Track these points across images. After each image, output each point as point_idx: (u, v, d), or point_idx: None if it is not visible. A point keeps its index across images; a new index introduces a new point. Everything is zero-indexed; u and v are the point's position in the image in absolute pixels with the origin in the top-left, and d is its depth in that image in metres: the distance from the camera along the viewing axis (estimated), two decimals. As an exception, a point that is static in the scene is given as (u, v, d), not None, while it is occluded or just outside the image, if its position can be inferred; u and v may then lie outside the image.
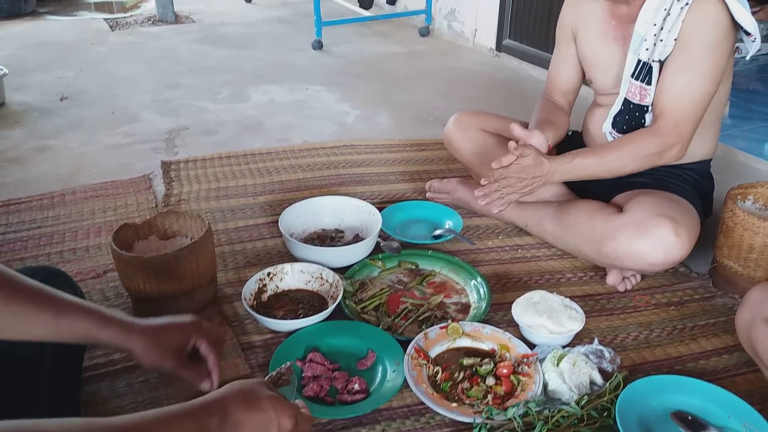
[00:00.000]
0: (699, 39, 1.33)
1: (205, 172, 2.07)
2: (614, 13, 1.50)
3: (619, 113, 1.50)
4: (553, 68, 1.72)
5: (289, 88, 2.94)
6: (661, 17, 1.37)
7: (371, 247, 1.56)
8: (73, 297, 0.86)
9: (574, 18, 1.61)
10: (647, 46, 1.39)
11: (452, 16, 3.72)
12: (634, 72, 1.43)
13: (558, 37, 1.68)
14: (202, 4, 4.78)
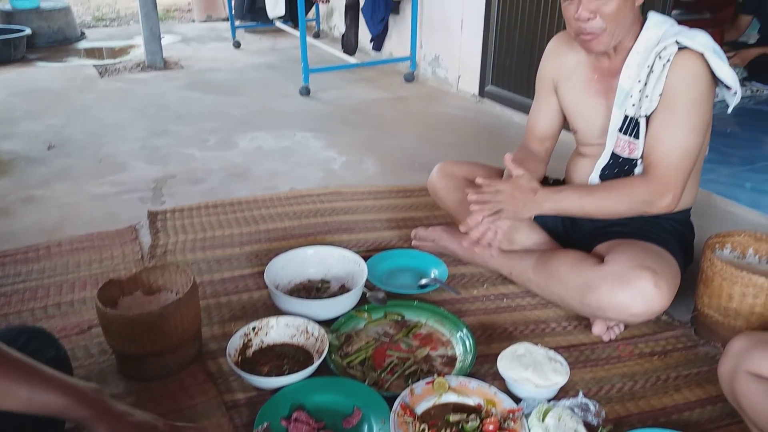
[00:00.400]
0: (682, 95, 1.38)
1: (192, 222, 2.07)
2: (596, 67, 1.55)
3: (607, 166, 1.54)
4: (532, 117, 1.76)
5: (276, 135, 2.98)
6: (644, 74, 1.42)
7: (357, 299, 1.57)
8: (51, 371, 0.86)
9: (555, 70, 1.65)
10: (633, 101, 1.44)
11: (436, 62, 3.81)
12: (622, 127, 1.47)
13: (538, 88, 1.72)
14: (191, 50, 4.86)
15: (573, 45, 1.58)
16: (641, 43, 1.43)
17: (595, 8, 1.36)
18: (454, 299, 1.65)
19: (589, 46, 1.44)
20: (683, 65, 1.37)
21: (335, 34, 5.11)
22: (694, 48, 1.35)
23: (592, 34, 1.40)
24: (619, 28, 1.40)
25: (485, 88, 3.42)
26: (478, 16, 3.35)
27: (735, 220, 2.11)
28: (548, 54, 1.68)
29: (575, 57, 1.59)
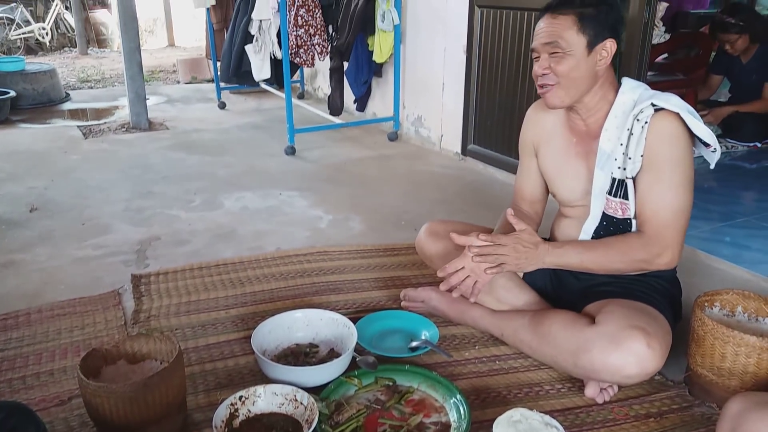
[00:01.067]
0: (664, 154, 1.42)
1: (176, 285, 2.04)
2: (574, 130, 1.60)
3: (600, 227, 1.56)
4: (519, 180, 1.79)
5: (262, 194, 2.98)
6: (625, 136, 1.46)
7: (347, 364, 1.53)
8: None
9: (535, 135, 1.70)
10: (619, 164, 1.48)
11: (419, 122, 3.88)
12: (611, 189, 1.51)
13: (521, 152, 1.77)
14: (176, 111, 4.91)
15: (551, 110, 1.63)
16: (618, 107, 1.49)
17: (548, 66, 1.47)
18: (446, 362, 1.62)
19: (544, 99, 1.53)
20: (661, 125, 1.42)
21: (320, 95, 5.21)
22: (669, 109, 1.40)
23: (545, 87, 1.50)
24: (573, 87, 1.48)
25: (468, 147, 3.48)
26: (458, 78, 3.44)
27: (720, 276, 2.13)
28: (528, 120, 1.74)
29: (553, 122, 1.65)
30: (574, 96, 1.50)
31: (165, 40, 9.70)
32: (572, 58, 1.45)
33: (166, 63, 7.60)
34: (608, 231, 1.55)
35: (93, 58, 8.22)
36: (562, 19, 1.46)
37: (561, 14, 1.46)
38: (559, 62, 1.46)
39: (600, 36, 1.46)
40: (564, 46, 1.45)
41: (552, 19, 1.47)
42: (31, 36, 8.48)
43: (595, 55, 1.47)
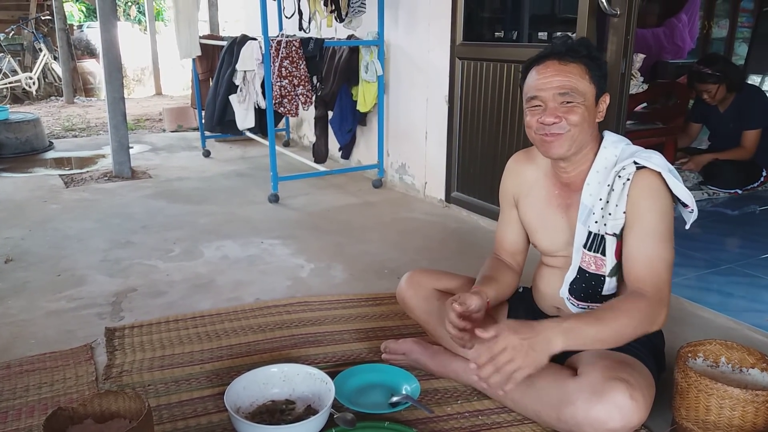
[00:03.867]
0: (650, 209, 1.41)
1: (151, 339, 1.98)
2: (556, 182, 1.59)
3: (575, 281, 1.54)
4: (500, 230, 1.77)
5: (243, 243, 2.95)
6: (605, 192, 1.45)
7: (324, 422, 1.48)
8: None
9: (515, 186, 1.69)
10: (596, 218, 1.47)
11: (403, 169, 3.90)
12: (586, 243, 1.49)
13: (501, 202, 1.75)
14: (160, 159, 4.91)
15: (532, 161, 1.63)
16: (600, 162, 1.49)
17: (561, 114, 1.42)
18: (428, 418, 1.57)
19: (549, 148, 1.46)
20: (644, 182, 1.41)
21: (305, 142, 5.24)
22: (651, 167, 1.41)
23: (554, 135, 1.44)
24: (580, 137, 1.45)
25: (451, 194, 3.49)
26: (441, 127, 3.48)
27: (703, 324, 2.11)
28: (508, 171, 1.72)
29: (535, 173, 1.64)
30: (578, 146, 1.47)
31: (152, 89, 9.78)
32: (585, 108, 1.43)
33: (152, 111, 7.64)
34: (580, 285, 1.53)
35: (79, 106, 8.26)
36: (573, 67, 1.43)
37: (571, 62, 1.43)
38: (572, 111, 1.42)
39: (601, 88, 1.46)
40: (580, 95, 1.42)
41: (562, 66, 1.43)
42: (18, 85, 8.52)
43: (597, 106, 1.47)
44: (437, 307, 1.76)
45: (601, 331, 1.35)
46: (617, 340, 1.37)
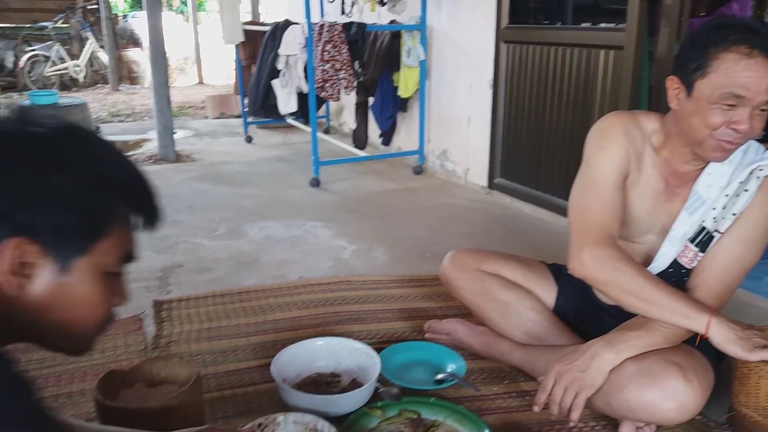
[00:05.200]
0: (764, 218, 1.35)
1: (198, 312, 2.01)
2: (670, 166, 1.42)
3: (665, 273, 1.43)
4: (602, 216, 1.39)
5: (286, 224, 2.97)
6: (732, 188, 1.36)
7: (369, 394, 1.48)
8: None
9: (628, 157, 1.42)
10: (715, 214, 1.37)
11: (444, 156, 3.87)
12: (695, 238, 1.39)
13: (604, 179, 1.41)
14: (203, 144, 4.98)
15: (641, 130, 1.43)
16: None
17: (751, 123, 1.25)
18: (473, 396, 1.55)
19: (723, 155, 1.31)
20: None
21: (345, 130, 5.25)
22: None
23: (737, 145, 1.28)
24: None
25: (494, 181, 3.45)
26: (484, 113, 3.44)
27: (759, 313, 2.04)
28: (621, 133, 1.42)
29: (642, 147, 1.43)
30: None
31: (195, 78, 9.93)
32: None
33: (195, 99, 7.76)
34: (669, 280, 1.41)
35: (124, 94, 8.44)
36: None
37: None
38: (761, 119, 1.25)
39: None
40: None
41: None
42: (65, 73, 8.75)
43: None
44: (482, 288, 1.73)
45: (649, 336, 1.33)
46: (670, 343, 1.34)
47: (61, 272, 0.75)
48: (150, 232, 0.85)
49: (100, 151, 0.80)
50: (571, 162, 2.87)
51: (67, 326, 0.78)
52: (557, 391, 1.32)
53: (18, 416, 0.62)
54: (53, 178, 0.73)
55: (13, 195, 0.71)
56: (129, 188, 0.81)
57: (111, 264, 0.80)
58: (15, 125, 0.76)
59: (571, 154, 2.91)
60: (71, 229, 0.74)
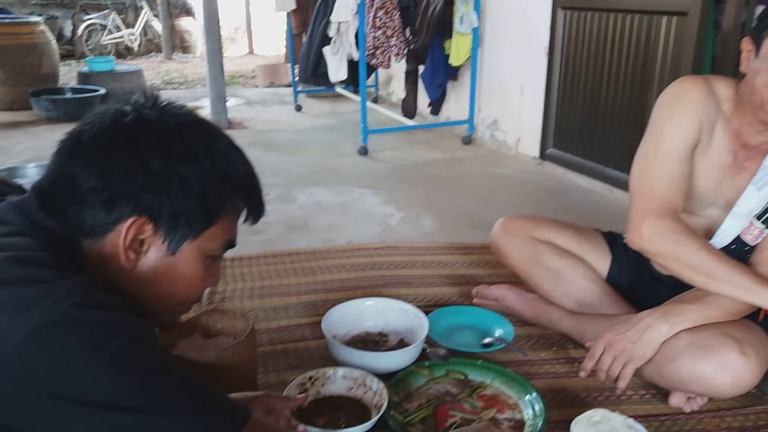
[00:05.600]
0: None
1: (250, 270, 2.07)
2: (740, 137, 1.35)
3: (728, 250, 1.38)
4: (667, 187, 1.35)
5: (334, 191, 3.00)
6: None
7: (417, 354, 1.50)
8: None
9: (700, 124, 1.35)
10: None
11: (495, 126, 3.82)
12: (762, 215, 1.34)
13: (672, 146, 1.35)
14: (254, 112, 5.05)
15: (714, 96, 1.36)
16: None
17: None
18: (521, 361, 1.55)
19: None
20: None
21: (393, 99, 5.23)
22: None
23: None
24: None
25: (546, 151, 3.39)
26: (538, 81, 3.37)
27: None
28: (694, 101, 1.34)
29: (716, 115, 1.35)
30: None
31: (245, 48, 10.03)
32: None
33: (245, 69, 7.84)
34: (733, 257, 1.34)
35: (177, 62, 8.60)
36: None
37: None
38: None
39: None
40: None
41: None
42: (120, 41, 8.96)
43: None
44: (534, 255, 1.70)
45: (706, 309, 1.30)
46: (729, 317, 1.30)
47: (170, 252, 0.80)
48: (252, 224, 0.92)
49: (224, 147, 0.85)
50: (629, 133, 2.80)
51: (165, 300, 0.85)
52: (606, 360, 1.32)
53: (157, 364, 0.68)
54: (181, 167, 0.78)
55: (142, 178, 0.76)
56: (244, 184, 0.87)
57: (214, 249, 0.86)
58: (149, 112, 0.81)
59: (628, 125, 2.82)
60: (188, 215, 0.79)
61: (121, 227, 0.76)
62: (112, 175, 0.75)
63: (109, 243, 0.77)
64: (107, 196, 0.75)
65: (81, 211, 0.76)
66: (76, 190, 0.75)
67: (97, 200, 0.75)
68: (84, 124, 0.80)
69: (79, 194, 0.75)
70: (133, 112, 0.80)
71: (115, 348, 0.64)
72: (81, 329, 0.64)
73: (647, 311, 1.34)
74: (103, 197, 0.75)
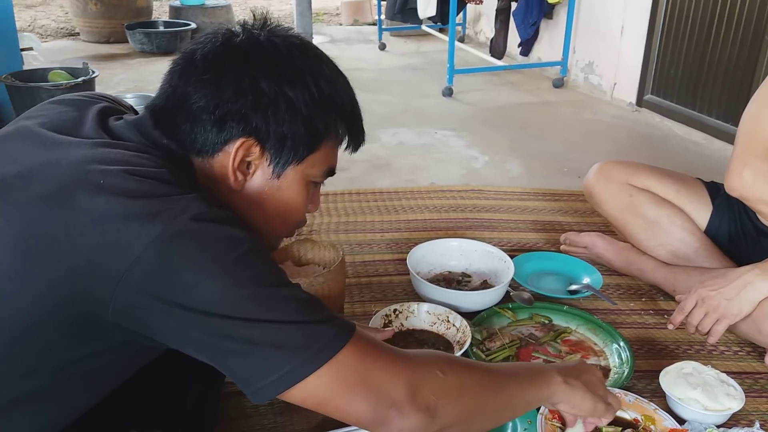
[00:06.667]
0: None
1: (336, 206, 2.11)
2: None
3: None
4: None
5: (417, 132, 2.97)
6: None
7: (501, 295, 1.49)
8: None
9: None
10: None
11: (590, 68, 3.63)
12: None
13: None
14: (338, 50, 5.02)
15: None
16: None
17: None
18: (608, 309, 1.52)
19: None
20: None
21: (481, 38, 5.06)
22: None
23: None
24: None
25: (644, 97, 3.20)
26: (641, 22, 3.15)
27: None
28: None
29: None
30: None
31: (330, -15, 9.93)
32: None
33: (329, 6, 7.77)
34: None
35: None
36: None
37: None
38: None
39: None
40: None
41: None
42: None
43: None
44: (630, 203, 1.63)
45: None
46: None
47: (275, 176, 0.82)
48: (352, 153, 0.92)
49: (330, 72, 0.85)
50: (737, 81, 2.60)
51: (269, 224, 0.86)
52: (697, 314, 1.29)
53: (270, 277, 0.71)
54: (289, 89, 0.78)
55: (252, 98, 0.77)
56: (347, 110, 0.87)
57: (317, 175, 0.87)
58: (259, 33, 0.81)
59: (737, 73, 2.62)
60: (294, 139, 0.80)
61: (230, 148, 0.78)
62: (223, 94, 0.76)
63: (219, 163, 0.79)
64: (218, 116, 0.77)
65: (193, 129, 0.78)
66: (188, 109, 0.77)
67: (208, 119, 0.77)
68: (196, 43, 0.81)
69: (191, 113, 0.77)
70: (243, 32, 0.81)
71: (232, 260, 0.67)
72: (200, 241, 0.67)
73: (747, 267, 1.28)
74: (214, 116, 0.77)
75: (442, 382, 0.74)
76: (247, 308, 0.67)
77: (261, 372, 0.67)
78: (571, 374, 0.90)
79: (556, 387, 0.86)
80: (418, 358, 0.77)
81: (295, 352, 0.67)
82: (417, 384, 0.72)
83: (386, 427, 0.71)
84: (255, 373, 0.67)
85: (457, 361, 0.81)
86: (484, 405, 0.79)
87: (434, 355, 0.82)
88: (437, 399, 0.73)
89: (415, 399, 0.71)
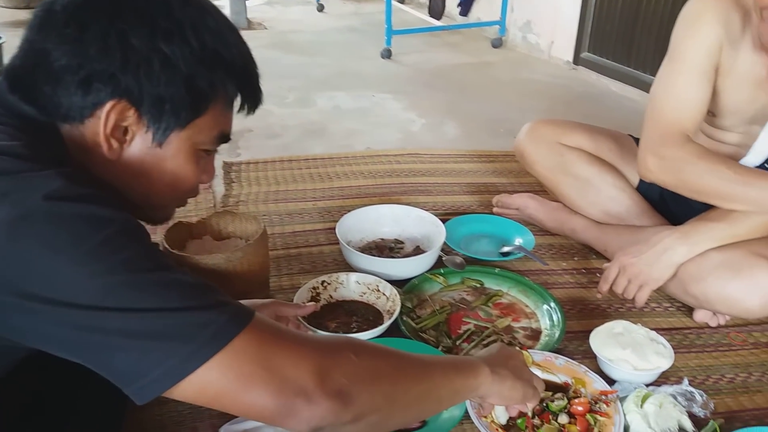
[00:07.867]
0: None
1: (266, 175, 2.02)
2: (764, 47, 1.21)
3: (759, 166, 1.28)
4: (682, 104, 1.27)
5: (355, 95, 2.89)
6: None
7: (433, 261, 1.45)
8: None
9: (723, 35, 1.24)
10: None
11: (527, 27, 3.59)
12: None
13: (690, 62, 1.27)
14: (275, 12, 4.84)
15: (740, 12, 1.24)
16: None
17: None
18: (540, 270, 1.50)
19: None
20: None
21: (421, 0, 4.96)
22: None
23: None
24: None
25: (580, 55, 3.20)
26: (577, -21, 3.12)
27: None
28: (711, 19, 1.25)
29: (742, 21, 1.22)
30: None
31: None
32: None
33: (267, -33, 7.49)
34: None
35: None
36: None
37: None
38: None
39: None
40: None
41: None
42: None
43: None
44: (561, 162, 1.61)
45: (733, 227, 1.22)
46: (756, 235, 1.22)
47: (156, 142, 0.73)
48: (247, 115, 0.82)
49: (215, 24, 0.74)
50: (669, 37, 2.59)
51: (155, 196, 0.78)
52: (620, 282, 1.29)
53: (144, 261, 0.62)
54: (165, 45, 0.68)
55: (120, 57, 0.67)
56: (238, 68, 0.77)
57: (206, 142, 0.78)
58: None
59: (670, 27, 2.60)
60: (174, 100, 0.70)
61: (100, 112, 0.68)
62: (88, 51, 0.66)
63: (90, 130, 0.70)
64: (83, 76, 0.67)
65: (55, 92, 0.68)
66: (48, 68, 0.67)
67: (72, 80, 0.67)
68: None
69: (52, 73, 0.67)
70: None
71: (95, 242, 0.59)
72: (55, 223, 0.58)
73: (667, 231, 1.28)
74: (78, 77, 0.67)
75: (354, 365, 0.66)
76: (118, 296, 0.58)
77: (141, 368, 0.59)
78: (498, 363, 0.85)
79: (484, 378, 0.81)
80: (328, 341, 0.70)
81: (179, 342, 0.59)
82: (326, 368, 0.64)
83: (293, 419, 0.62)
84: (134, 370, 0.59)
85: (371, 345, 0.74)
86: (404, 392, 0.71)
87: (346, 339, 0.74)
88: (350, 383, 0.65)
89: (324, 384, 0.63)
